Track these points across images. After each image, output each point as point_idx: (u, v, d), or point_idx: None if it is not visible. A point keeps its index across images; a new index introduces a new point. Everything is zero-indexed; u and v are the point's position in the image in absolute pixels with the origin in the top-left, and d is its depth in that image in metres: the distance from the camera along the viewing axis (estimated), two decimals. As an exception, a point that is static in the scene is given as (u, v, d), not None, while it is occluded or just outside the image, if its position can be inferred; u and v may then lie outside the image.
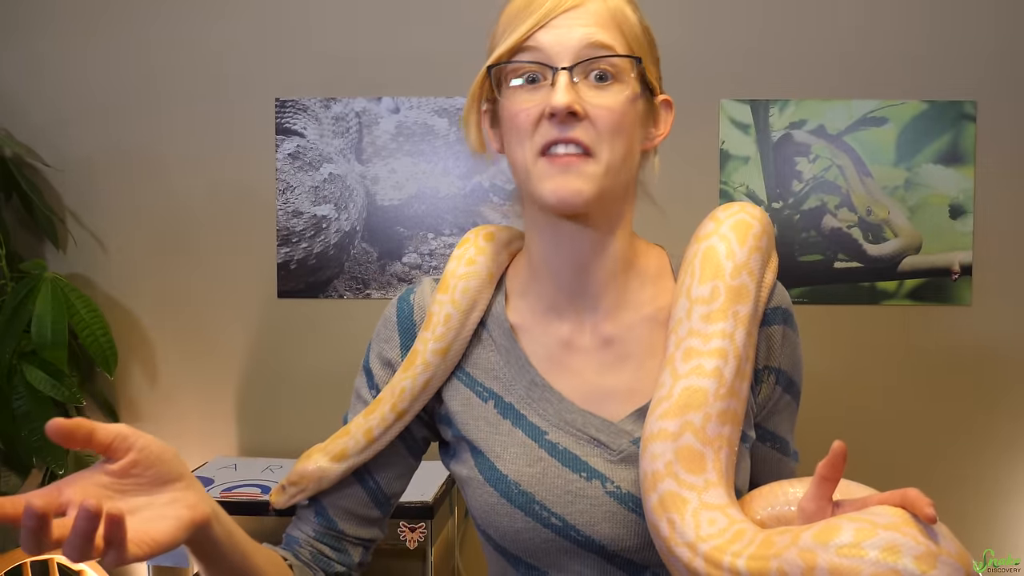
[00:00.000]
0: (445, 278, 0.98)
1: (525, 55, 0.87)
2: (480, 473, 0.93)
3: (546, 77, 0.87)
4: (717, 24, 2.26)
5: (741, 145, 2.26)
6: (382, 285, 2.33)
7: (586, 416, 0.92)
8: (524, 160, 0.88)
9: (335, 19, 2.32)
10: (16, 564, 1.97)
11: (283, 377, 2.37)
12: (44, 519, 0.58)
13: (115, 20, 2.35)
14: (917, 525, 0.67)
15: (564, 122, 0.85)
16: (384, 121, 2.32)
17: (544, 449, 0.91)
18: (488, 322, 0.97)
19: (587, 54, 0.86)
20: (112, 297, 2.38)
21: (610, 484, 0.89)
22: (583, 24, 0.87)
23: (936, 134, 2.23)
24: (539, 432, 0.92)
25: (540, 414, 0.92)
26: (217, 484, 2.06)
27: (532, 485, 0.90)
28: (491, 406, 0.94)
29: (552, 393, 0.93)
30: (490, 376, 0.95)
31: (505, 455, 0.91)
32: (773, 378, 0.94)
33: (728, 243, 0.89)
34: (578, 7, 0.88)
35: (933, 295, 2.24)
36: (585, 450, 0.90)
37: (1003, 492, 2.24)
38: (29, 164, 2.35)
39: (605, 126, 0.86)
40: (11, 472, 2.28)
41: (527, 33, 0.87)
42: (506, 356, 0.95)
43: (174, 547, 0.70)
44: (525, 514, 0.90)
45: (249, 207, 2.35)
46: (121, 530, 0.60)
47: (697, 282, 0.89)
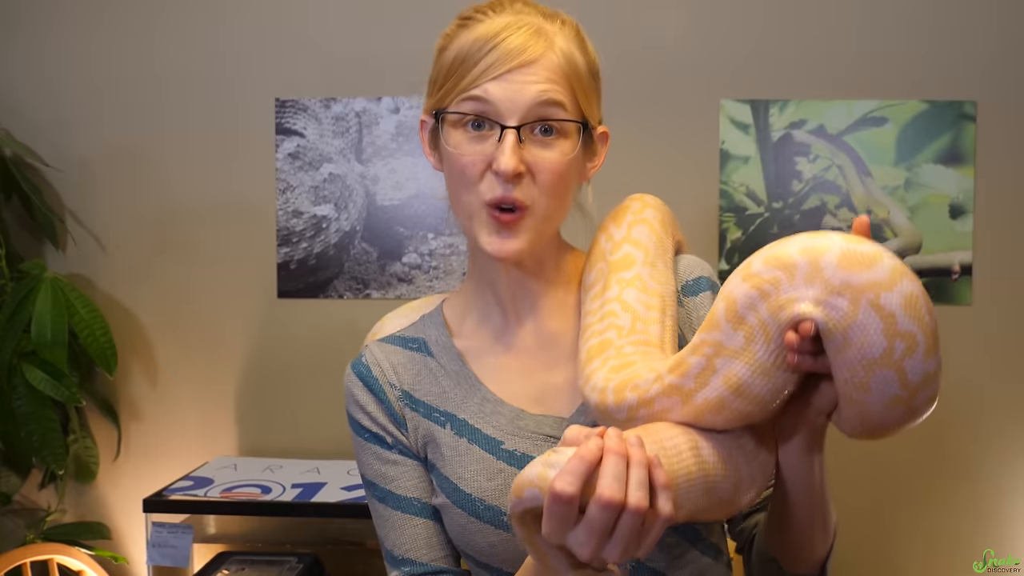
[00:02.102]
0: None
1: (472, 104, 0.88)
2: (447, 497, 0.94)
3: (492, 129, 0.88)
4: (717, 24, 2.26)
5: (741, 145, 2.26)
6: (382, 285, 2.33)
7: (539, 419, 0.94)
8: (469, 206, 0.91)
9: (335, 19, 2.32)
10: (16, 564, 1.97)
11: (283, 377, 2.37)
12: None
13: (115, 20, 2.35)
14: None
15: (512, 182, 0.88)
16: (384, 121, 2.32)
17: (502, 460, 0.92)
18: (436, 354, 1.00)
19: (537, 114, 0.87)
20: (112, 297, 2.38)
21: None
22: (535, 81, 0.87)
23: (936, 134, 2.23)
24: (495, 443, 0.93)
25: (494, 426, 0.94)
26: (217, 484, 2.06)
27: (496, 498, 0.91)
28: (448, 429, 0.96)
29: (504, 406, 0.95)
30: (443, 400, 0.97)
31: (466, 475, 0.93)
32: None
33: (607, 231, 0.98)
34: (533, 62, 0.87)
35: (933, 295, 2.23)
36: (542, 449, 0.92)
37: (1003, 492, 2.24)
38: (29, 164, 2.35)
39: (546, 183, 0.89)
40: (11, 472, 2.28)
41: (475, 82, 0.87)
42: (456, 379, 0.98)
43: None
44: (495, 527, 0.91)
45: (249, 207, 2.35)
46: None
47: (586, 272, 0.97)
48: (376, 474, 1.00)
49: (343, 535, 2.13)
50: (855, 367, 0.69)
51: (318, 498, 1.96)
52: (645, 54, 2.24)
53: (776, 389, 0.74)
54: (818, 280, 0.68)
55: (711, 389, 0.75)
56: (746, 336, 0.72)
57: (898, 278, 0.68)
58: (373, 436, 1.00)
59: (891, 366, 0.69)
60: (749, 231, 2.26)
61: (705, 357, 0.75)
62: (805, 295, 0.69)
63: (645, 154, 2.21)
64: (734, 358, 0.73)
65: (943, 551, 2.25)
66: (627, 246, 0.94)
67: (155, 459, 2.39)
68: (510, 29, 0.88)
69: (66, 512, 2.39)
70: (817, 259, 0.69)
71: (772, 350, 0.72)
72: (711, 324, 0.75)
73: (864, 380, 0.70)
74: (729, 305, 0.73)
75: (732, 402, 0.74)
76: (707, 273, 1.00)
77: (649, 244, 0.95)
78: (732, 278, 0.74)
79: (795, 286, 0.69)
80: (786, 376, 0.73)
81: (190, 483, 2.07)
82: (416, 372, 1.00)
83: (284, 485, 2.04)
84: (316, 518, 1.99)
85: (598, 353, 0.86)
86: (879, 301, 0.67)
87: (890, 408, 0.71)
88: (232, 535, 2.20)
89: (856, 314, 0.67)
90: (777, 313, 0.70)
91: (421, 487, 0.98)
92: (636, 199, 1.01)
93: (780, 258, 0.71)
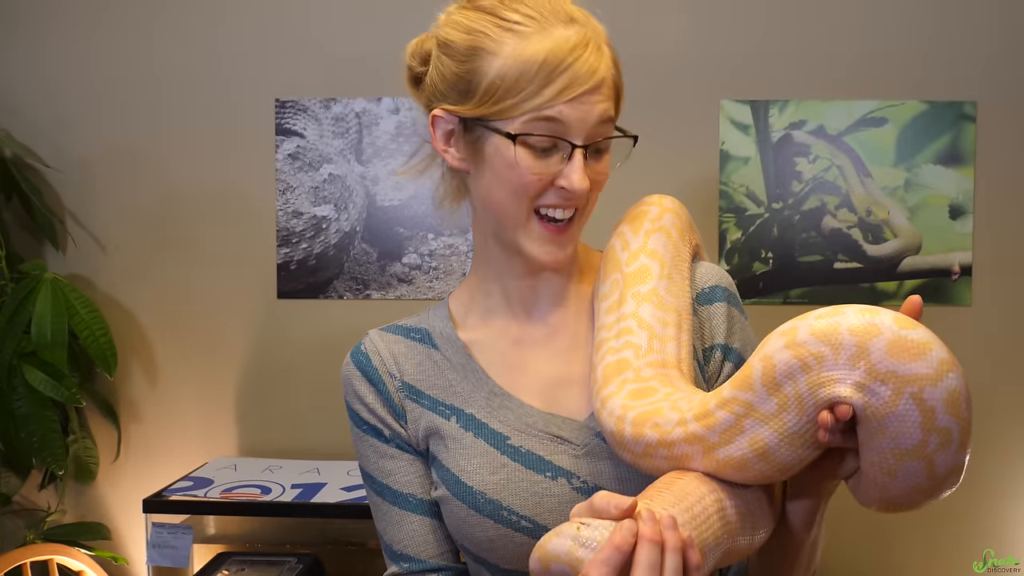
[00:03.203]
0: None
1: (546, 125, 0.87)
2: (448, 490, 0.93)
3: (558, 148, 0.88)
4: (717, 24, 2.26)
5: (741, 145, 2.26)
6: (382, 285, 2.33)
7: (547, 417, 0.93)
8: (516, 213, 0.91)
9: (335, 19, 2.32)
10: (16, 564, 1.97)
11: (283, 377, 2.37)
12: None
13: (115, 20, 2.35)
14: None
15: (580, 197, 0.90)
16: (384, 121, 2.32)
17: (507, 455, 0.92)
18: (440, 345, 0.99)
19: (599, 133, 0.89)
20: (112, 297, 2.38)
21: (576, 480, 0.90)
22: (600, 100, 0.88)
23: (936, 134, 2.23)
24: (501, 438, 0.93)
25: (501, 421, 0.93)
26: (217, 484, 2.06)
27: (497, 492, 0.90)
28: (454, 422, 0.95)
29: (512, 400, 0.94)
30: (449, 393, 0.97)
31: (469, 467, 0.92)
32: (720, 354, 0.96)
33: (623, 238, 0.96)
34: (602, 84, 0.88)
35: (933, 295, 2.24)
36: (548, 448, 0.91)
37: (1003, 492, 2.24)
38: (29, 164, 2.35)
39: (597, 191, 0.93)
40: (11, 472, 2.28)
41: (550, 103, 0.86)
42: (462, 372, 0.97)
43: None
44: (495, 521, 0.90)
45: (249, 207, 2.35)
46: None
47: (601, 281, 0.95)
48: (374, 467, 0.99)
49: (343, 535, 2.13)
50: (885, 453, 0.69)
51: (318, 498, 1.96)
52: (645, 55, 2.24)
53: (800, 459, 0.74)
54: (863, 364, 0.67)
55: (736, 448, 0.74)
56: (779, 404, 0.71)
57: (945, 372, 0.67)
58: (371, 428, 0.99)
59: (922, 458, 0.68)
60: (749, 231, 2.26)
61: (734, 415, 0.74)
62: (848, 377, 0.68)
63: (645, 154, 2.20)
64: (764, 423, 0.72)
65: (943, 551, 2.25)
66: (644, 257, 0.93)
67: (155, 459, 2.39)
68: (580, 49, 0.87)
69: (66, 512, 2.39)
70: (866, 342, 0.67)
71: (803, 423, 0.71)
72: (745, 383, 0.73)
73: (892, 467, 0.69)
74: (767, 369, 0.71)
75: (755, 464, 0.74)
76: (723, 282, 0.99)
77: (666, 255, 0.93)
78: (775, 339, 0.72)
79: (839, 366, 0.68)
80: (813, 448, 0.73)
81: (190, 483, 2.07)
82: (418, 363, 0.99)
83: (284, 485, 2.04)
84: (316, 518, 1.98)
85: (615, 374, 0.85)
86: (922, 395, 0.66)
87: (911, 494, 0.71)
88: (232, 535, 2.20)
89: (896, 404, 0.67)
90: (816, 390, 0.69)
91: (418, 482, 0.98)
92: (654, 203, 0.99)
93: (828, 334, 0.69)
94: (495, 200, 0.92)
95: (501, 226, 0.93)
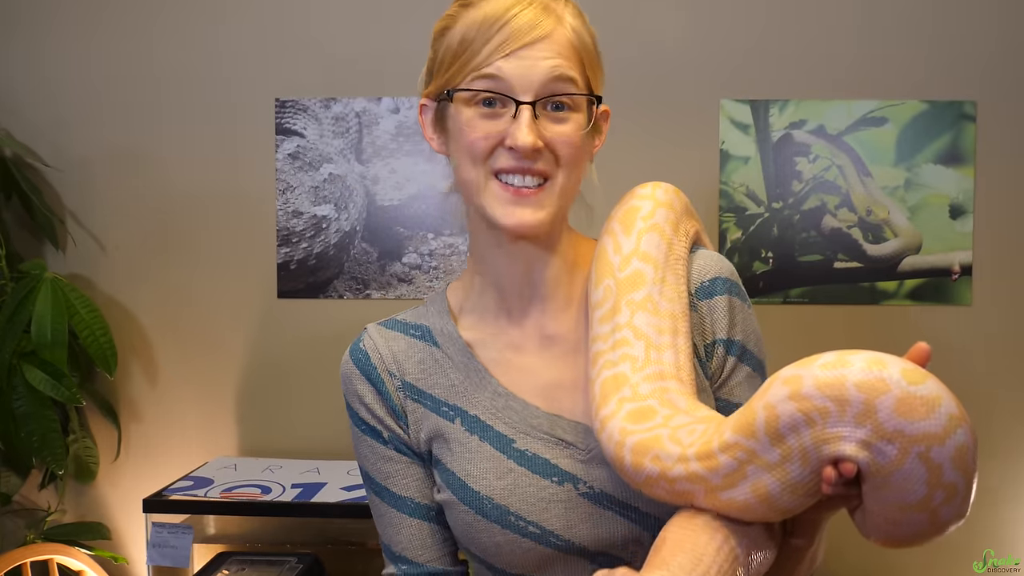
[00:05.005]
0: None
1: (484, 82, 0.87)
2: (453, 494, 0.92)
3: (505, 106, 0.87)
4: (717, 24, 2.26)
5: (741, 145, 2.26)
6: (382, 285, 2.33)
7: (552, 419, 0.92)
8: (476, 179, 0.89)
9: (335, 19, 2.32)
10: (16, 564, 1.97)
11: (283, 377, 2.37)
12: None
13: (115, 20, 2.35)
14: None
15: (531, 157, 0.87)
16: (384, 121, 2.32)
17: (513, 459, 0.91)
18: (442, 343, 0.98)
19: (551, 89, 0.87)
20: (112, 297, 2.38)
21: (583, 485, 0.89)
22: (547, 56, 0.87)
23: (936, 134, 2.23)
24: (507, 441, 0.91)
25: (506, 422, 0.92)
26: (217, 484, 2.06)
27: (504, 497, 0.89)
28: (458, 424, 0.94)
29: (516, 400, 0.93)
30: (452, 394, 0.95)
31: (475, 471, 0.91)
32: (722, 349, 0.94)
33: (615, 238, 0.93)
34: (545, 38, 0.87)
35: (933, 295, 2.24)
36: (554, 452, 0.90)
37: (1003, 492, 2.24)
38: (29, 164, 2.35)
39: (566, 156, 0.89)
40: (11, 472, 2.28)
41: (487, 60, 0.86)
42: (465, 372, 0.96)
43: None
44: (502, 527, 0.89)
45: (249, 207, 2.35)
46: None
47: (593, 287, 0.92)
48: (373, 468, 0.98)
49: (343, 535, 2.13)
50: (889, 506, 0.68)
51: (318, 498, 1.96)
52: (645, 54, 2.24)
53: (803, 504, 0.73)
54: (870, 422, 0.65)
55: (738, 492, 0.74)
56: (783, 455, 0.70)
57: (952, 429, 0.65)
58: (370, 429, 0.98)
59: (926, 511, 0.67)
60: (749, 231, 2.26)
61: (737, 461, 0.73)
62: (853, 435, 0.66)
63: (645, 154, 2.21)
64: (766, 471, 0.71)
65: (943, 551, 2.25)
66: (636, 261, 0.90)
67: (155, 459, 2.39)
68: (520, 5, 0.87)
69: (66, 512, 2.39)
70: (873, 400, 0.65)
71: (807, 474, 0.70)
72: (747, 429, 0.72)
73: (895, 517, 0.69)
74: (770, 420, 0.70)
75: (757, 508, 0.74)
76: (724, 272, 0.95)
77: (659, 256, 0.91)
78: (778, 387, 0.70)
79: (844, 422, 0.66)
80: (815, 496, 0.72)
81: (190, 483, 2.07)
82: (419, 361, 0.98)
83: (284, 485, 2.05)
84: (316, 518, 1.99)
85: (613, 391, 0.84)
86: (929, 453, 0.65)
87: (914, 538, 0.71)
88: (232, 535, 2.20)
89: (903, 463, 0.65)
90: (820, 445, 0.68)
91: (416, 486, 0.97)
92: (646, 196, 0.96)
93: (834, 388, 0.66)
94: (461, 173, 0.91)
95: (470, 199, 0.92)
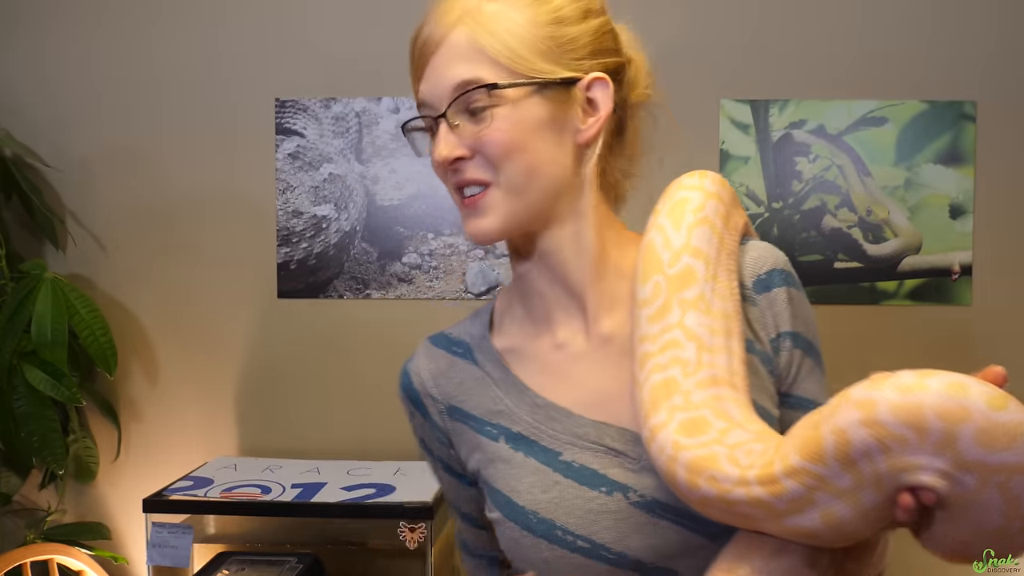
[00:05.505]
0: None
1: (421, 110, 0.90)
2: (501, 512, 0.90)
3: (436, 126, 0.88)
4: (717, 24, 2.26)
5: (741, 145, 2.26)
6: (382, 285, 2.33)
7: (599, 427, 0.88)
8: (453, 198, 0.90)
9: (335, 19, 2.32)
10: (16, 564, 1.97)
11: (283, 377, 2.37)
12: None
13: (115, 20, 2.35)
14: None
15: (457, 168, 0.86)
16: (384, 121, 2.32)
17: (559, 472, 0.87)
18: (479, 360, 0.96)
19: (452, 98, 0.86)
20: (112, 297, 2.38)
21: (633, 494, 0.84)
22: (446, 66, 0.87)
23: (936, 134, 2.23)
24: (553, 455, 0.88)
25: (551, 435, 0.89)
26: (217, 484, 2.06)
27: (550, 511, 0.86)
28: (502, 443, 0.91)
29: (557, 410, 0.89)
30: (495, 412, 0.92)
31: (520, 487, 0.88)
32: (789, 342, 0.90)
33: (663, 232, 0.87)
34: (438, 51, 0.87)
35: (933, 295, 2.24)
36: (603, 462, 0.86)
37: (1003, 492, 2.24)
38: (29, 164, 2.35)
39: (493, 154, 0.85)
40: (11, 472, 2.28)
41: (415, 88, 0.89)
42: (503, 387, 0.93)
43: None
44: (549, 542, 0.85)
45: (249, 207, 2.35)
46: None
47: (640, 283, 0.86)
48: (431, 466, 1.02)
49: (343, 535, 2.13)
50: (964, 533, 0.67)
51: (318, 498, 1.96)
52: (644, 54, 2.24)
53: (873, 530, 0.71)
54: (950, 452, 0.63)
55: (806, 518, 0.70)
56: (855, 481, 0.67)
57: None
58: (421, 442, 1.00)
59: (1002, 540, 0.66)
60: (749, 231, 2.26)
61: (804, 487, 0.69)
62: (932, 464, 0.64)
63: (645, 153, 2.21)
64: (837, 497, 0.68)
65: (943, 551, 2.25)
66: (687, 257, 0.84)
67: (155, 459, 2.39)
68: (427, 18, 0.88)
69: (66, 512, 2.39)
70: (954, 429, 0.62)
71: (881, 500, 0.67)
72: (815, 455, 0.68)
73: (967, 539, 0.67)
74: (840, 445, 0.66)
75: (825, 535, 0.71)
76: (779, 263, 0.92)
77: (711, 251, 0.85)
78: (850, 411, 0.66)
79: (923, 451, 0.64)
80: (888, 521, 0.69)
81: (190, 483, 2.07)
82: (460, 381, 0.95)
83: (284, 485, 2.04)
84: (316, 518, 1.98)
85: (663, 397, 0.79)
86: (1008, 483, 0.62)
87: (981, 558, 0.70)
88: (232, 535, 2.20)
89: (981, 493, 0.63)
90: (897, 473, 0.65)
91: (465, 499, 0.99)
92: (695, 187, 0.90)
93: (912, 414, 0.63)
94: None
95: None
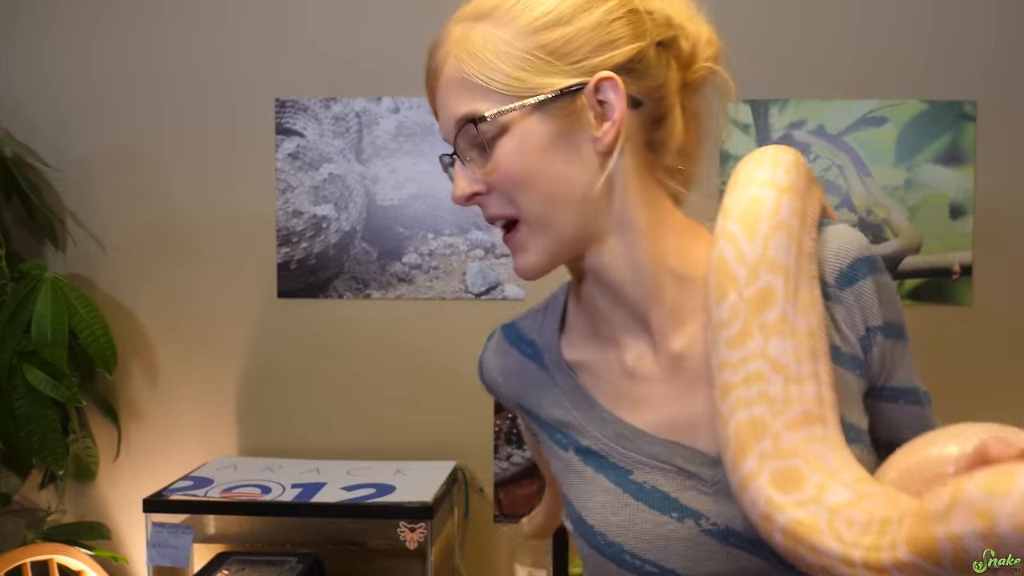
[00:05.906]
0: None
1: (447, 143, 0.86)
2: (573, 526, 0.88)
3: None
4: (717, 24, 2.26)
5: (741, 145, 2.26)
6: (382, 285, 2.33)
7: (671, 447, 0.83)
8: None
9: (335, 19, 2.32)
10: (16, 564, 1.97)
11: (283, 377, 2.37)
12: None
13: (115, 20, 2.35)
14: None
15: (480, 203, 0.84)
16: (384, 121, 2.32)
17: (629, 493, 0.83)
18: (549, 367, 0.92)
19: (454, 135, 0.82)
20: (112, 297, 2.39)
21: (705, 521, 0.80)
22: (445, 103, 0.82)
23: (936, 134, 2.23)
24: (623, 472, 0.84)
25: (621, 453, 0.85)
26: (217, 484, 2.06)
27: (619, 535, 0.83)
28: (572, 454, 0.88)
29: (627, 428, 0.86)
30: (563, 423, 0.90)
31: (590, 504, 0.85)
32: (880, 336, 0.84)
33: (736, 243, 0.79)
34: (438, 85, 0.83)
35: (933, 295, 2.24)
36: (675, 484, 0.82)
37: (1003, 492, 2.24)
38: (29, 164, 2.35)
39: (505, 190, 0.81)
40: (11, 472, 2.28)
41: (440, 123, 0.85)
42: (571, 397, 0.90)
43: None
44: (617, 565, 0.83)
45: (249, 207, 2.35)
46: None
47: (715, 304, 0.79)
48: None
49: (343, 535, 2.13)
50: None
51: (318, 498, 1.96)
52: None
53: None
54: None
55: None
56: None
57: None
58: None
59: None
60: (749, 231, 2.26)
61: None
62: None
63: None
64: None
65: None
66: (765, 273, 0.77)
67: (155, 459, 2.39)
68: (428, 52, 0.84)
69: (66, 512, 2.39)
70: None
71: None
72: (927, 553, 0.63)
73: None
74: (958, 553, 0.61)
75: None
76: (863, 252, 0.83)
77: (789, 262, 0.78)
78: (966, 517, 0.61)
79: None
80: None
81: (190, 483, 2.07)
82: (529, 385, 0.93)
83: (284, 485, 2.05)
84: (316, 518, 1.99)
85: (752, 441, 0.74)
86: None
87: None
88: (232, 535, 2.20)
89: None
90: (1011, 573, 0.61)
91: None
92: (767, 184, 0.83)
93: None
94: None
95: None
